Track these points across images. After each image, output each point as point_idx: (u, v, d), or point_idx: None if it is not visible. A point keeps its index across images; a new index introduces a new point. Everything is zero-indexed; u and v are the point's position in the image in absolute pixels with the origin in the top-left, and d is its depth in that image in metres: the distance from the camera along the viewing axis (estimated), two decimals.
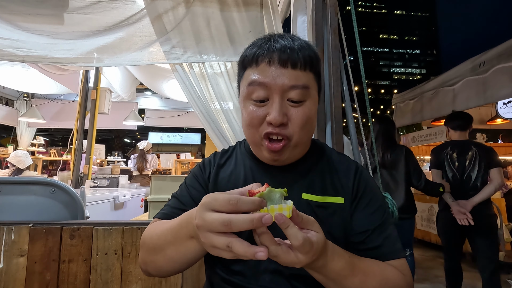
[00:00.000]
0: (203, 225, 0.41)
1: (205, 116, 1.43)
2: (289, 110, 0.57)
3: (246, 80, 0.60)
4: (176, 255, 0.52)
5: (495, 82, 2.92)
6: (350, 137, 1.32)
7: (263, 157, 0.63)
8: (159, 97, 5.25)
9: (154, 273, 0.58)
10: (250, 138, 0.62)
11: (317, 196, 0.61)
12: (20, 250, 1.01)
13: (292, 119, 0.57)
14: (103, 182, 2.91)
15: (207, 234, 0.41)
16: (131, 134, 20.49)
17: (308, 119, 0.59)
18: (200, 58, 1.39)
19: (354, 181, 0.64)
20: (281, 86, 0.56)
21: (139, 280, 1.03)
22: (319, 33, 1.22)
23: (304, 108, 0.58)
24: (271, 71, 0.57)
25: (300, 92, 0.57)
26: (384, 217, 0.62)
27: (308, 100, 0.59)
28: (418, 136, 4.78)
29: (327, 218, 0.59)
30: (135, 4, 1.44)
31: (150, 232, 0.59)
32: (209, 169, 0.71)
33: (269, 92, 0.57)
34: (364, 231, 0.60)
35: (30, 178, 1.18)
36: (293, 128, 0.57)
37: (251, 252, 0.38)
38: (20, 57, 1.38)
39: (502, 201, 3.74)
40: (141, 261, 0.60)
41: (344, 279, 0.50)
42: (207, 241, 0.41)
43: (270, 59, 0.57)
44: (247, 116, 0.60)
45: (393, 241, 0.61)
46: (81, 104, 2.78)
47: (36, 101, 4.84)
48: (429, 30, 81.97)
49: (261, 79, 0.57)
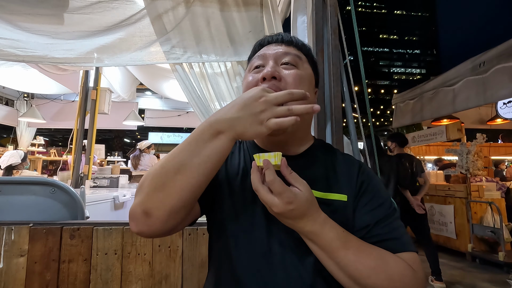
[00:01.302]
0: (270, 98, 0.50)
1: (205, 116, 1.43)
2: (281, 71, 0.62)
3: (249, 64, 0.68)
4: (200, 161, 0.50)
5: (495, 82, 2.92)
6: (350, 137, 1.32)
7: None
8: (159, 97, 5.25)
9: (155, 211, 0.50)
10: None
11: (320, 192, 0.60)
12: (20, 250, 1.01)
13: (284, 77, 0.61)
14: (103, 182, 2.91)
15: (271, 107, 0.50)
16: (131, 134, 20.47)
17: (301, 79, 0.62)
18: (200, 58, 1.39)
19: (357, 178, 0.63)
20: (275, 53, 0.64)
21: (139, 280, 1.03)
22: (319, 33, 1.21)
23: (296, 71, 0.62)
24: (269, 47, 0.66)
25: (293, 58, 0.63)
26: (389, 212, 0.60)
27: (300, 68, 0.64)
28: (418, 136, 4.78)
29: (330, 215, 0.57)
30: (135, 4, 1.44)
31: (157, 166, 0.53)
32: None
33: (264, 60, 0.64)
34: (365, 226, 0.58)
35: (30, 178, 1.18)
36: (286, 80, 0.61)
37: (309, 106, 0.50)
38: (20, 57, 1.38)
39: (502, 201, 3.74)
40: (141, 204, 0.51)
41: (337, 250, 0.50)
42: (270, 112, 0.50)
43: (269, 41, 0.67)
44: (246, 85, 0.64)
45: (400, 235, 0.57)
46: (81, 104, 2.78)
47: (36, 101, 4.84)
48: (429, 30, 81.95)
49: (260, 53, 0.66)
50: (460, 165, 3.81)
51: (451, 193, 3.92)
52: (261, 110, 0.50)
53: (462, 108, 3.47)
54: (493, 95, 2.97)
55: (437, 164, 5.54)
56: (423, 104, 4.12)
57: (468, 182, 3.73)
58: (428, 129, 4.67)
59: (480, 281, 2.93)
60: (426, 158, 6.11)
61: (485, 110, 5.23)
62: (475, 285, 2.83)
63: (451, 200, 3.89)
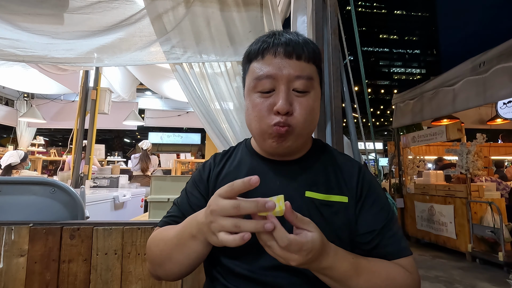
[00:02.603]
0: (216, 209, 0.46)
1: (205, 116, 1.42)
2: (294, 99, 0.59)
3: (252, 73, 0.62)
4: (182, 257, 0.56)
5: (495, 82, 2.92)
6: (350, 137, 1.32)
7: (267, 147, 0.63)
8: (159, 97, 5.24)
9: (164, 278, 0.61)
10: (256, 129, 0.61)
11: (321, 194, 0.61)
12: (20, 250, 1.01)
13: (297, 109, 0.59)
14: (103, 182, 2.91)
15: (218, 218, 0.46)
16: (131, 134, 20.48)
17: (312, 110, 0.60)
18: (200, 58, 1.39)
19: (358, 181, 0.64)
20: (287, 76, 0.58)
21: (139, 280, 1.03)
22: (319, 33, 1.21)
23: (308, 99, 0.60)
24: (277, 62, 0.59)
25: (305, 82, 0.59)
26: (389, 216, 0.63)
27: (312, 91, 0.61)
28: (418, 136, 4.78)
29: (332, 217, 0.60)
30: (135, 4, 1.44)
31: (155, 240, 0.62)
32: (208, 172, 0.71)
33: (275, 82, 0.59)
34: (370, 231, 0.60)
35: (30, 178, 1.18)
36: (297, 117, 0.59)
37: (260, 224, 0.44)
38: (20, 57, 1.38)
39: (502, 201, 3.74)
40: (150, 268, 0.64)
41: (350, 279, 0.52)
42: (217, 224, 0.46)
43: (275, 51, 0.59)
44: (254, 108, 0.61)
45: (399, 240, 0.61)
46: (81, 104, 2.78)
47: (36, 101, 4.84)
48: (429, 30, 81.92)
49: (267, 71, 0.59)
50: (460, 165, 3.81)
51: (451, 193, 3.92)
52: (210, 221, 0.48)
53: (462, 108, 3.47)
54: (493, 95, 2.97)
55: (437, 164, 5.54)
56: (423, 104, 4.12)
57: (468, 182, 3.73)
58: (428, 129, 4.67)
59: (480, 281, 2.93)
60: (426, 158, 6.10)
61: (485, 110, 5.23)
62: (475, 285, 2.83)
63: (451, 200, 3.89)
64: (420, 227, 4.36)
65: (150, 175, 4.50)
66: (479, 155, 3.82)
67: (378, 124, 36.31)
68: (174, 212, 0.68)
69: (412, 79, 73.08)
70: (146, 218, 1.88)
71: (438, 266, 3.39)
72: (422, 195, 4.41)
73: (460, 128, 4.11)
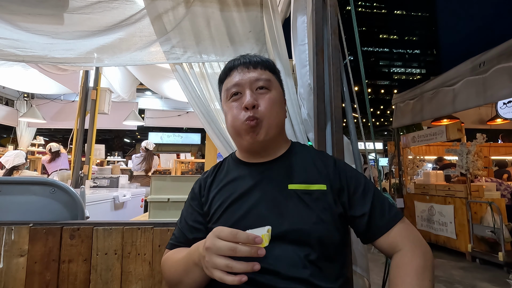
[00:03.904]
0: (212, 248, 0.52)
1: (205, 116, 1.42)
2: (258, 97, 0.72)
3: (224, 88, 0.77)
4: (190, 281, 0.64)
5: (495, 82, 2.92)
6: (350, 137, 1.32)
7: (244, 144, 0.74)
8: (159, 97, 5.24)
9: None
10: (234, 129, 0.74)
11: (302, 185, 0.71)
12: (20, 250, 1.01)
13: (261, 103, 0.72)
14: (103, 182, 2.91)
15: (213, 256, 0.51)
16: (131, 134, 20.48)
17: (274, 102, 0.73)
18: (200, 58, 1.39)
19: (335, 173, 0.73)
20: (249, 79, 0.73)
21: (139, 280, 1.03)
22: (319, 33, 1.21)
23: (270, 95, 0.73)
24: (239, 72, 0.74)
25: (265, 82, 0.74)
26: (373, 192, 0.72)
27: (272, 90, 0.75)
28: (418, 136, 4.78)
29: (313, 203, 0.68)
30: (135, 4, 1.44)
31: (168, 264, 0.72)
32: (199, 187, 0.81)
33: (241, 88, 0.73)
34: (362, 214, 0.69)
35: (30, 178, 1.18)
36: (262, 109, 0.71)
37: (250, 265, 0.49)
38: (20, 57, 1.38)
39: (502, 201, 3.74)
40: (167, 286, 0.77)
41: None
42: (211, 261, 0.51)
43: (237, 66, 0.75)
44: (229, 112, 0.74)
45: (384, 211, 0.70)
46: (81, 104, 2.78)
47: (36, 101, 4.84)
48: (429, 30, 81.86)
49: (234, 80, 0.74)
50: (460, 165, 3.81)
51: (451, 193, 3.92)
52: (204, 256, 0.54)
53: (462, 108, 3.47)
54: (493, 95, 2.96)
55: (438, 164, 5.54)
56: (423, 104, 4.12)
57: (468, 182, 3.73)
58: (428, 129, 4.67)
59: (480, 281, 2.92)
60: (426, 158, 6.10)
61: (485, 110, 5.23)
62: (475, 285, 2.83)
63: (451, 200, 3.89)
64: (420, 227, 4.36)
65: (150, 175, 4.50)
66: (479, 155, 3.82)
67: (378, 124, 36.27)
68: (177, 234, 0.78)
69: (412, 79, 73.05)
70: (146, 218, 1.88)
71: (438, 266, 3.39)
72: (422, 195, 4.41)
73: (460, 128, 4.11)
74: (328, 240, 0.65)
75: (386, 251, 0.69)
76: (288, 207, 0.68)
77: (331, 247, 0.66)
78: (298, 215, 0.66)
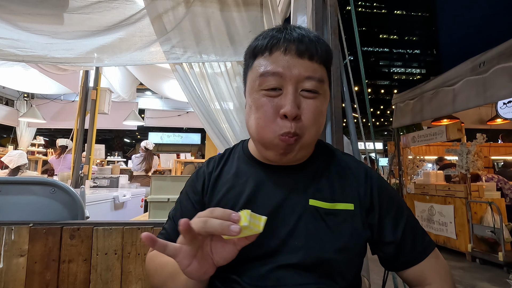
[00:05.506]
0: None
1: (205, 116, 1.42)
2: (302, 101, 0.54)
3: (256, 69, 0.56)
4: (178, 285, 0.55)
5: (495, 82, 2.92)
6: (350, 137, 1.32)
7: (269, 156, 0.58)
8: (159, 97, 5.24)
9: None
10: (260, 137, 0.56)
11: (326, 203, 0.58)
12: (20, 250, 1.01)
13: (305, 112, 0.54)
14: (103, 182, 2.91)
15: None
16: (131, 134, 20.49)
17: (320, 114, 0.56)
18: (200, 58, 1.39)
19: (366, 188, 0.61)
20: (296, 76, 0.53)
21: (139, 280, 1.03)
22: (319, 33, 1.21)
23: (317, 102, 0.55)
24: (287, 60, 0.54)
25: (316, 84, 0.54)
26: (406, 216, 0.62)
27: (321, 94, 0.56)
28: (418, 136, 4.78)
29: (338, 227, 0.57)
30: (135, 4, 1.44)
31: (153, 263, 0.63)
32: (202, 181, 0.66)
33: (282, 81, 0.54)
34: (391, 242, 0.60)
35: (30, 178, 1.18)
36: (305, 122, 0.54)
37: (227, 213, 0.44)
38: (20, 57, 1.38)
39: (502, 201, 3.74)
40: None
41: None
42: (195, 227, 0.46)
43: (286, 48, 0.54)
44: (257, 109, 0.55)
45: (422, 238, 0.61)
46: (81, 104, 2.78)
47: (36, 101, 4.83)
48: (429, 30, 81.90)
49: (275, 69, 0.54)
50: (460, 165, 3.81)
51: (451, 193, 3.92)
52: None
53: (462, 108, 3.47)
54: (493, 95, 2.96)
55: (438, 164, 5.54)
56: (423, 104, 4.12)
57: (468, 182, 3.73)
58: (428, 129, 4.67)
59: (480, 281, 2.93)
60: (426, 158, 6.10)
61: (485, 110, 5.23)
62: (475, 285, 2.83)
63: (451, 200, 3.89)
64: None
65: (150, 175, 4.50)
66: (479, 155, 3.82)
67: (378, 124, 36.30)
68: (169, 229, 0.66)
69: (412, 79, 73.05)
70: (146, 218, 1.88)
71: None
72: (422, 195, 4.41)
73: (460, 128, 4.11)
74: (350, 269, 0.57)
75: (411, 283, 0.61)
76: (307, 229, 0.56)
77: (351, 275, 0.57)
78: (319, 240, 0.55)
